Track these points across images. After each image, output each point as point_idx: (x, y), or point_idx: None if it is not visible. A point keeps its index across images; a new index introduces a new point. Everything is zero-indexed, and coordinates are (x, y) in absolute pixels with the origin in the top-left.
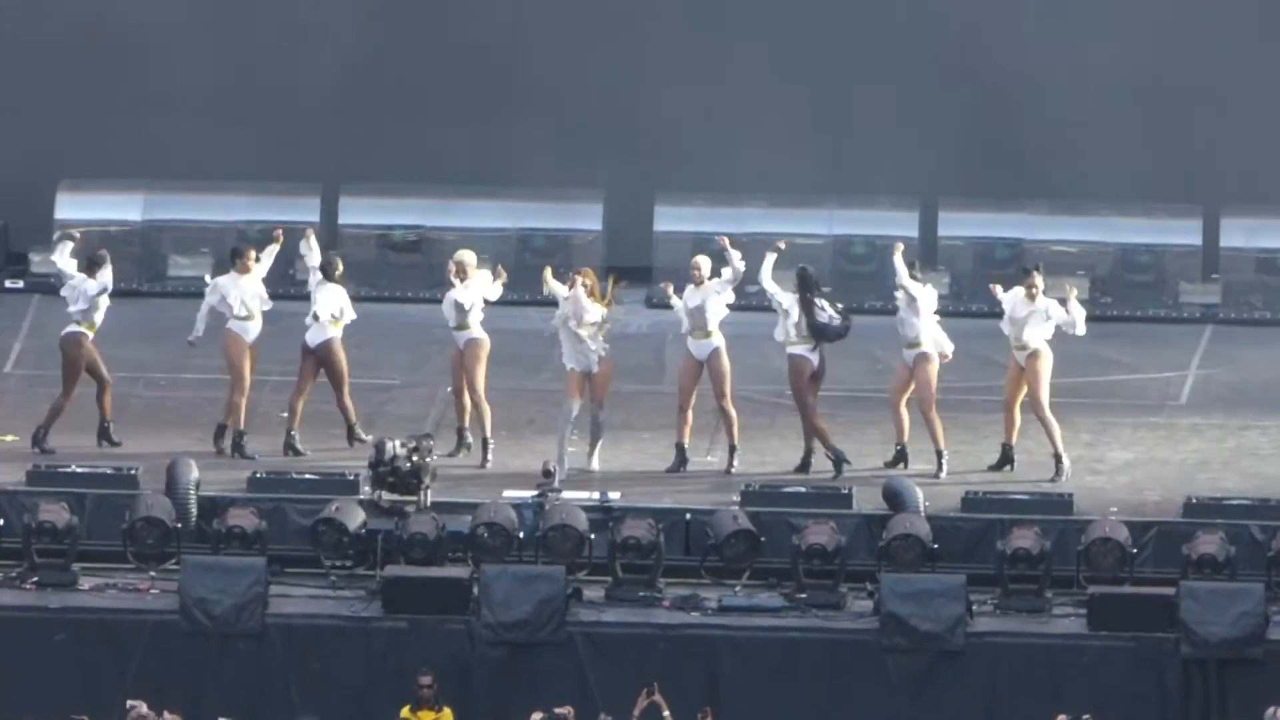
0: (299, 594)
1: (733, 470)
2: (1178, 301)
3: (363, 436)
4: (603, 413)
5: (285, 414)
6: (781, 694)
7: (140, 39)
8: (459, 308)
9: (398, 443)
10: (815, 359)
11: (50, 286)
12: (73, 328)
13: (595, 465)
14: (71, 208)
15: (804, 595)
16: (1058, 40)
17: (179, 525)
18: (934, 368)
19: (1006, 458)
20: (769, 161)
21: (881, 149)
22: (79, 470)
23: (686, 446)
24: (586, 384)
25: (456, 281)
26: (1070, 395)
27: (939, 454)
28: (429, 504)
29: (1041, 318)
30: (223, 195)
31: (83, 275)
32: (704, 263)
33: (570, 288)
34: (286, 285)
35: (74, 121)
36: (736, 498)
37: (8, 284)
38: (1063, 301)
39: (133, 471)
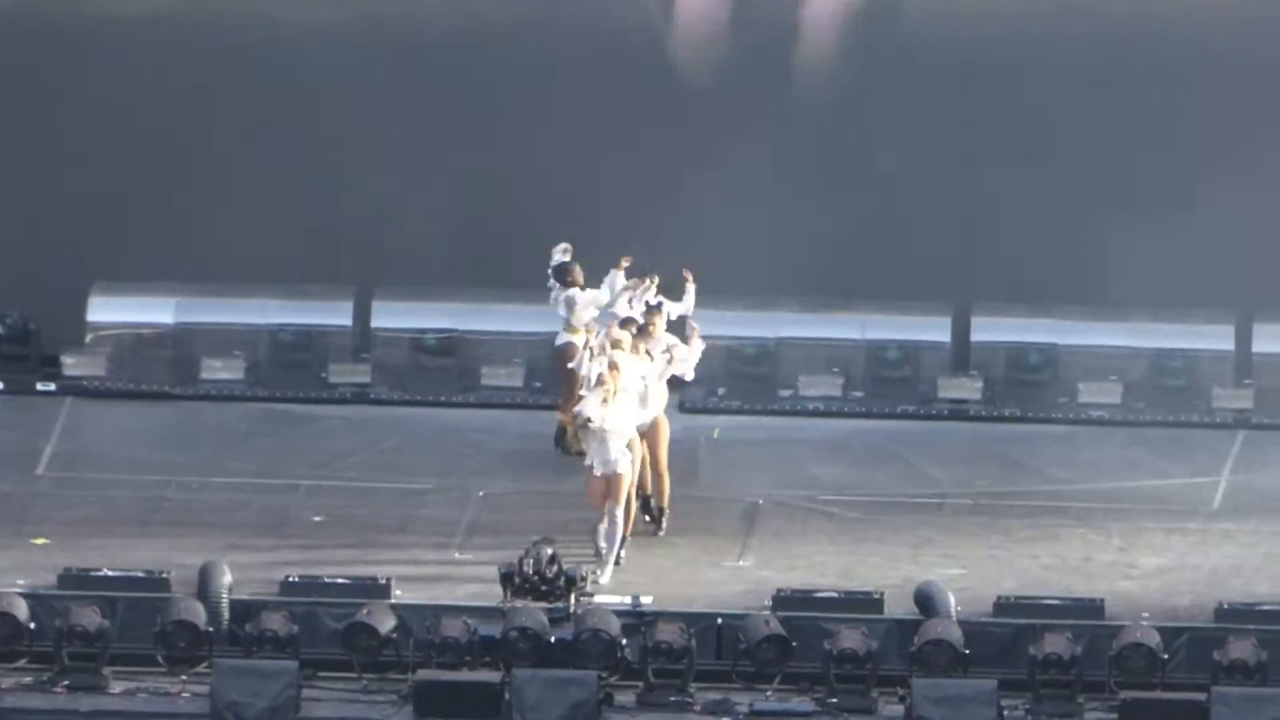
0: (330, 698)
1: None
2: (1210, 407)
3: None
4: (615, 520)
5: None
6: None
7: (173, 142)
8: None
9: (543, 552)
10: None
11: (83, 389)
12: (565, 336)
13: (604, 580)
14: (104, 310)
15: (835, 700)
16: (1085, 146)
17: (211, 629)
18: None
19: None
20: (803, 265)
21: (915, 253)
22: (110, 574)
23: None
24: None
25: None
26: (1103, 500)
27: (660, 510)
28: (578, 609)
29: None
30: (255, 298)
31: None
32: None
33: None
34: (318, 389)
35: (107, 224)
36: (768, 602)
37: (40, 386)
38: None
39: (164, 575)
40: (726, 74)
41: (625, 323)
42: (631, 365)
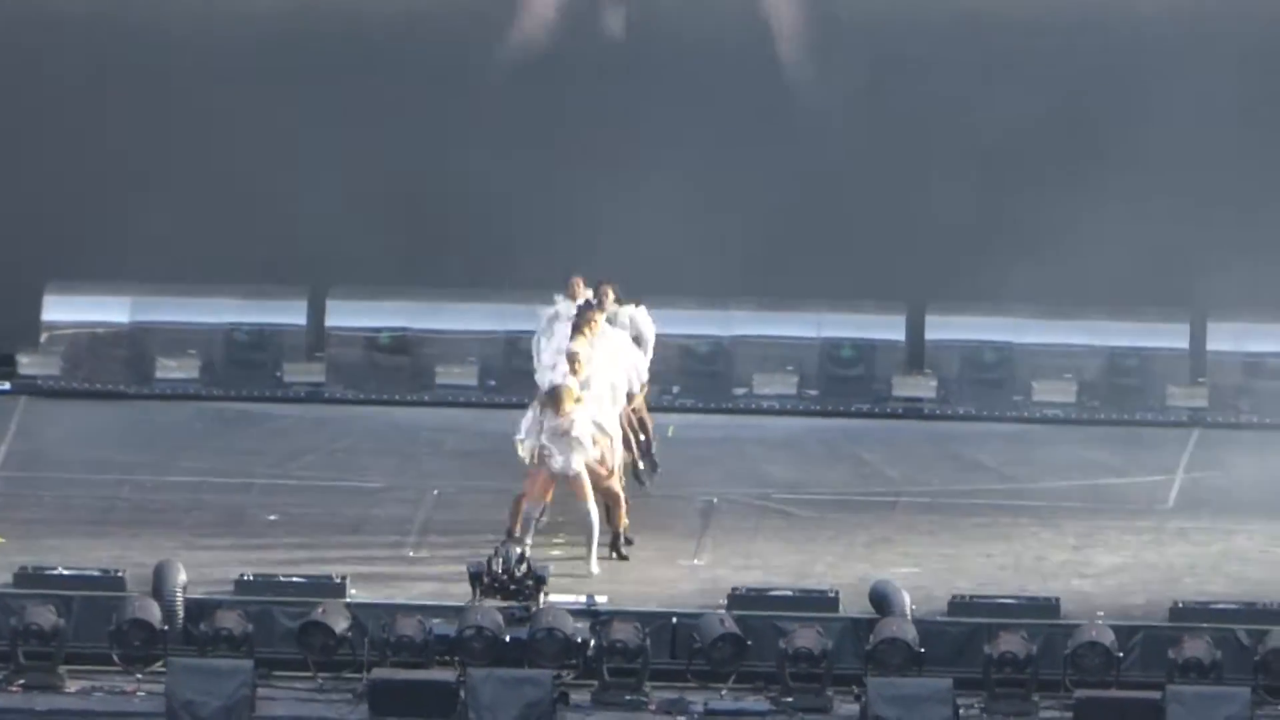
0: (286, 696)
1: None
2: (1165, 405)
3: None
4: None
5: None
6: None
7: (126, 141)
8: None
9: (512, 551)
10: None
11: (38, 388)
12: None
13: (594, 569)
14: (59, 309)
15: (790, 699)
16: (1046, 144)
17: (166, 627)
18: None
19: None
20: (757, 263)
21: (869, 251)
22: (65, 572)
23: None
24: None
25: None
26: (1058, 499)
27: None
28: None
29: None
30: (210, 298)
31: None
32: None
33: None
34: (273, 388)
35: (61, 223)
36: (723, 601)
37: None
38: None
39: (120, 574)
40: (683, 69)
41: (579, 327)
42: (592, 369)
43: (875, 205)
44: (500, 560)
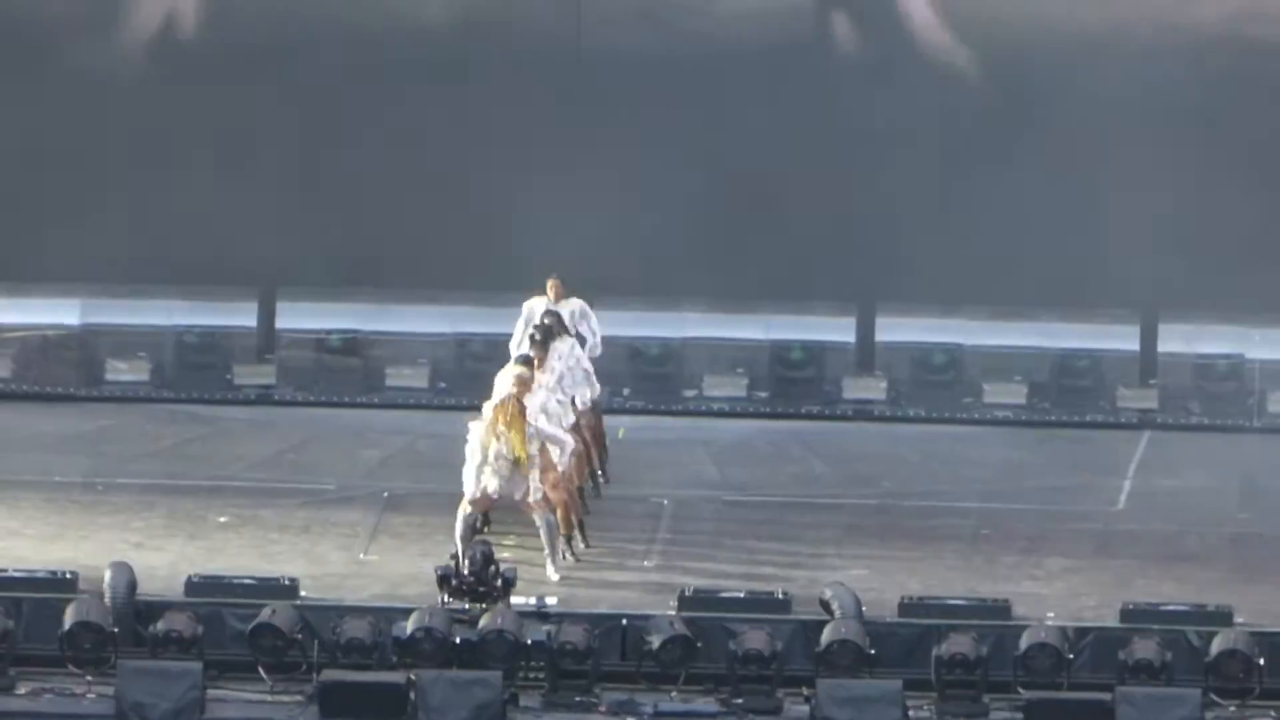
0: (235, 698)
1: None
2: (1115, 407)
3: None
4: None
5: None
6: None
7: (76, 142)
8: None
9: (478, 553)
10: None
11: None
12: None
13: (553, 575)
14: (8, 312)
15: (740, 701)
16: (998, 145)
17: (116, 630)
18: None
19: None
20: (707, 265)
21: (819, 253)
22: (15, 574)
23: None
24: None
25: None
26: (1008, 500)
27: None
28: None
29: None
30: (160, 300)
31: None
32: None
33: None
34: (224, 390)
35: (10, 225)
36: (673, 603)
37: None
38: None
39: (70, 576)
40: (630, 70)
41: (523, 359)
42: (535, 398)
43: (825, 207)
44: (469, 563)
